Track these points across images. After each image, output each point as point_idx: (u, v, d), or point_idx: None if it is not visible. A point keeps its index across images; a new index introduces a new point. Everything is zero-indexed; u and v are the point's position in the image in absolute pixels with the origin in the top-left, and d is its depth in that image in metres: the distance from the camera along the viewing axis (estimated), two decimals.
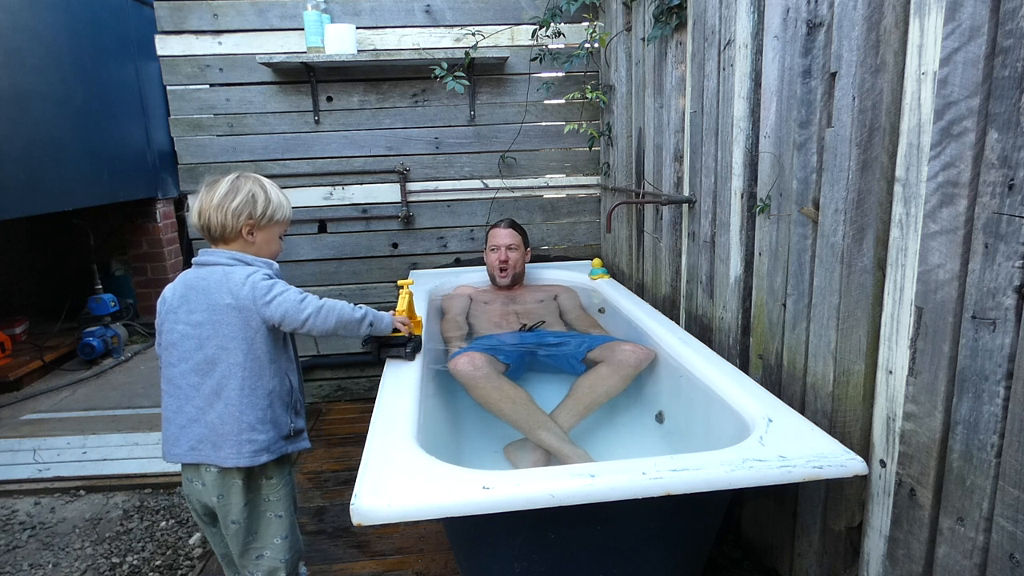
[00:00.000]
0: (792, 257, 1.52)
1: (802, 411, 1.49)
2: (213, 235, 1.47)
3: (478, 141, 3.13)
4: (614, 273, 3.01)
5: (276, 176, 2.95)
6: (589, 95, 2.96)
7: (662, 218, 2.36)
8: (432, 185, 3.15)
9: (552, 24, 2.80)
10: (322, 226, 3.14)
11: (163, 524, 2.27)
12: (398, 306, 1.85)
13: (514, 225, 2.76)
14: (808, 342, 1.48)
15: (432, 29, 3.00)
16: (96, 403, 3.12)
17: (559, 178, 3.23)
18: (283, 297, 1.41)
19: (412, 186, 3.14)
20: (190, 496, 1.48)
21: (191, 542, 2.15)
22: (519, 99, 3.11)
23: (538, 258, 3.22)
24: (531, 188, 3.21)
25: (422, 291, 2.68)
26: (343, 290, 3.20)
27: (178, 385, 1.41)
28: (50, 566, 2.05)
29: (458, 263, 3.23)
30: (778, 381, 1.62)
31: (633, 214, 2.74)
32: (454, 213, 3.19)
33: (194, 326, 1.40)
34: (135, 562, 2.06)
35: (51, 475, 2.53)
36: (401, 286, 1.90)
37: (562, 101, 3.10)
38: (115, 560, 2.07)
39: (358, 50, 2.88)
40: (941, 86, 1.05)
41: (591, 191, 3.26)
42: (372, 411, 1.51)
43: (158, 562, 2.05)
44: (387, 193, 3.13)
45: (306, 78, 2.97)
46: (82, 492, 2.47)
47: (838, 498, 1.40)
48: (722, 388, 1.60)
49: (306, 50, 2.86)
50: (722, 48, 1.81)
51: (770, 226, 1.61)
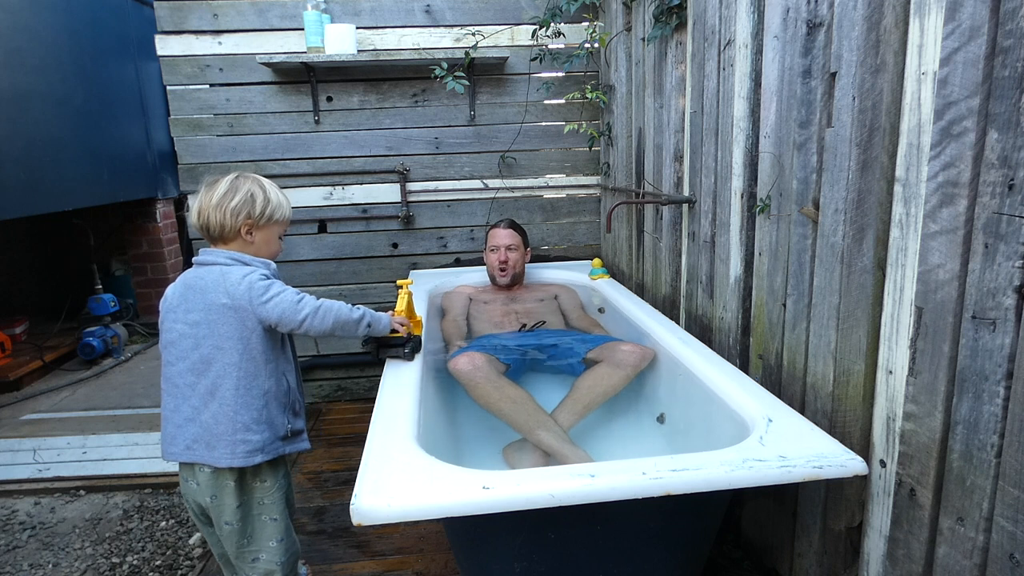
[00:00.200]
0: (792, 257, 1.52)
1: (802, 411, 1.49)
2: (212, 235, 1.47)
3: (478, 141, 3.13)
4: (614, 273, 3.01)
5: (276, 176, 2.95)
6: (589, 95, 2.96)
7: (662, 218, 2.36)
8: (432, 185, 3.15)
9: (552, 24, 2.80)
10: (322, 226, 3.14)
11: (163, 524, 2.27)
12: (397, 306, 1.85)
13: (514, 225, 2.76)
14: (808, 342, 1.48)
15: (432, 29, 3.00)
16: (96, 403, 3.12)
17: (559, 178, 3.23)
18: (280, 298, 1.41)
19: (412, 186, 3.14)
20: (187, 495, 1.48)
21: (191, 542, 2.15)
22: (519, 99, 3.11)
23: (538, 258, 3.22)
24: (531, 188, 3.21)
25: (422, 291, 2.68)
26: (343, 290, 3.20)
27: (176, 384, 1.42)
28: (50, 566, 2.05)
29: (458, 263, 3.23)
30: (778, 381, 1.62)
31: (633, 214, 2.74)
32: (454, 213, 3.19)
33: (191, 325, 1.41)
34: (135, 562, 2.06)
35: (51, 475, 2.53)
36: (400, 286, 1.90)
37: (562, 101, 3.10)
38: (115, 560, 2.07)
39: (358, 50, 2.88)
40: (941, 86, 1.05)
41: (591, 191, 3.26)
42: (372, 411, 1.51)
43: (158, 562, 2.05)
44: (387, 193, 3.13)
45: (306, 78, 2.97)
46: (82, 492, 2.47)
47: (838, 498, 1.40)
48: (722, 388, 1.60)
49: (306, 50, 2.86)
50: (722, 48, 1.81)
51: (770, 226, 1.61)
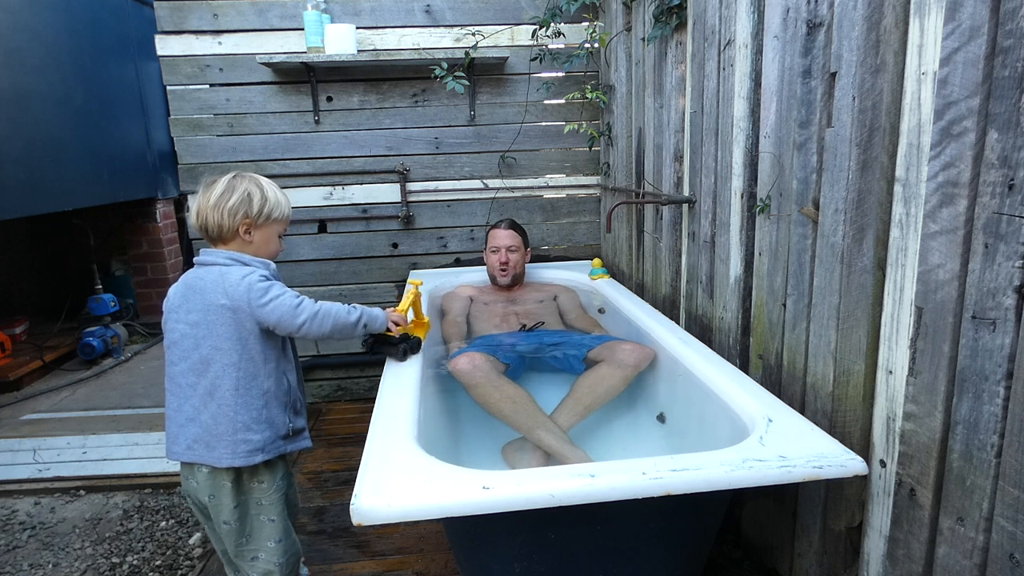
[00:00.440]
0: (792, 257, 1.52)
1: (802, 411, 1.49)
2: (211, 235, 1.48)
3: (478, 141, 3.13)
4: (614, 273, 3.01)
5: (276, 176, 2.95)
6: (589, 95, 2.96)
7: (662, 218, 2.36)
8: (432, 185, 3.15)
9: (552, 24, 2.80)
10: (322, 226, 3.14)
11: (163, 524, 2.27)
12: (400, 304, 1.85)
13: (514, 226, 2.76)
14: (808, 342, 1.48)
15: (432, 29, 3.00)
16: (96, 403, 3.12)
17: (559, 178, 3.23)
18: (278, 302, 1.41)
19: (412, 186, 3.14)
20: (188, 493, 1.49)
21: (191, 542, 2.15)
22: (519, 99, 3.11)
23: (538, 258, 3.22)
24: (531, 188, 3.21)
25: (423, 291, 2.67)
26: (343, 290, 3.20)
27: (179, 384, 1.43)
28: (50, 566, 2.05)
29: (458, 263, 3.23)
30: (778, 381, 1.62)
31: (633, 214, 2.74)
32: (454, 213, 3.19)
33: (191, 326, 1.42)
34: (135, 562, 2.06)
35: (51, 475, 2.53)
36: (412, 285, 1.90)
37: (562, 101, 3.10)
38: (115, 560, 2.07)
39: (358, 50, 2.88)
40: (941, 86, 1.05)
41: (591, 191, 3.26)
42: (372, 411, 1.51)
43: (158, 562, 2.05)
44: (387, 193, 3.13)
45: (306, 78, 2.97)
46: (82, 492, 2.47)
47: (838, 498, 1.40)
48: (722, 388, 1.60)
49: (306, 50, 2.86)
50: (722, 48, 1.81)
51: (770, 226, 1.61)
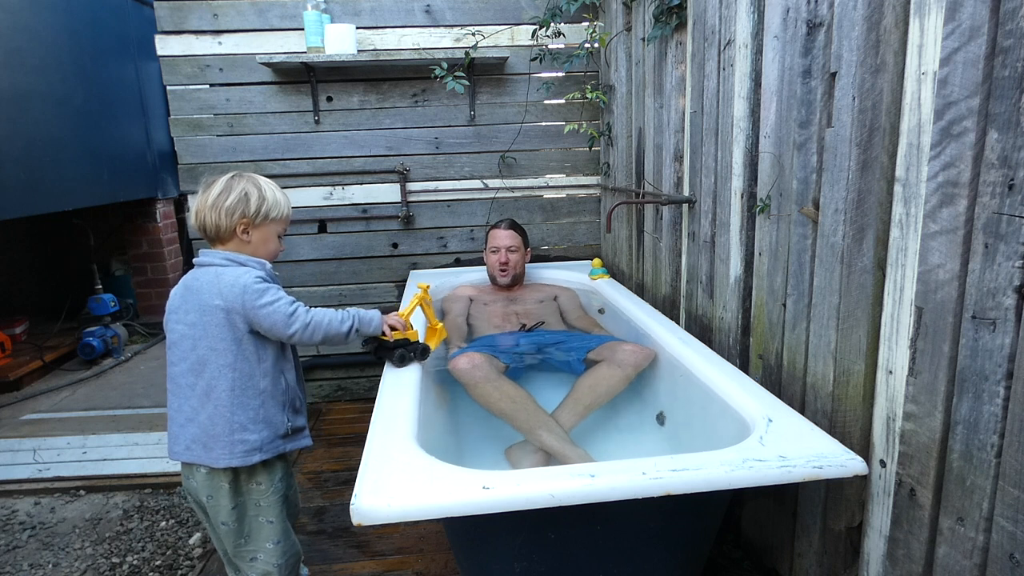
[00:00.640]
0: (792, 257, 1.52)
1: (802, 411, 1.49)
2: (210, 235, 1.48)
3: (478, 141, 3.13)
4: (614, 273, 3.01)
5: (276, 176, 2.94)
6: (589, 95, 2.96)
7: (662, 218, 2.36)
8: (432, 185, 3.15)
9: (552, 24, 2.80)
10: (322, 226, 3.14)
11: (163, 524, 2.27)
12: (402, 308, 1.85)
13: (514, 226, 2.76)
14: (808, 342, 1.48)
15: (432, 29, 3.00)
16: (96, 403, 3.12)
17: (559, 178, 3.23)
18: (272, 308, 1.41)
19: (412, 186, 3.14)
20: (188, 492, 1.50)
21: (191, 542, 2.15)
22: (519, 99, 3.11)
23: (538, 258, 3.22)
24: (531, 188, 3.21)
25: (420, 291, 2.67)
26: (343, 290, 3.20)
27: (179, 384, 1.44)
28: (50, 566, 2.05)
29: (458, 263, 3.23)
30: (778, 381, 1.62)
31: (633, 214, 2.73)
32: (454, 213, 3.19)
33: (189, 326, 1.42)
34: (135, 562, 2.06)
35: (51, 475, 2.53)
36: (418, 289, 1.90)
37: (562, 101, 3.10)
38: (115, 560, 2.07)
39: (358, 50, 2.88)
40: (941, 86, 1.05)
41: (591, 191, 3.26)
42: (372, 411, 1.51)
43: (158, 562, 2.05)
44: (387, 193, 3.13)
45: (306, 78, 2.97)
46: (82, 492, 2.47)
47: (838, 498, 1.40)
48: (722, 388, 1.60)
49: (306, 50, 2.86)
50: (722, 48, 1.81)
51: (770, 226, 1.61)
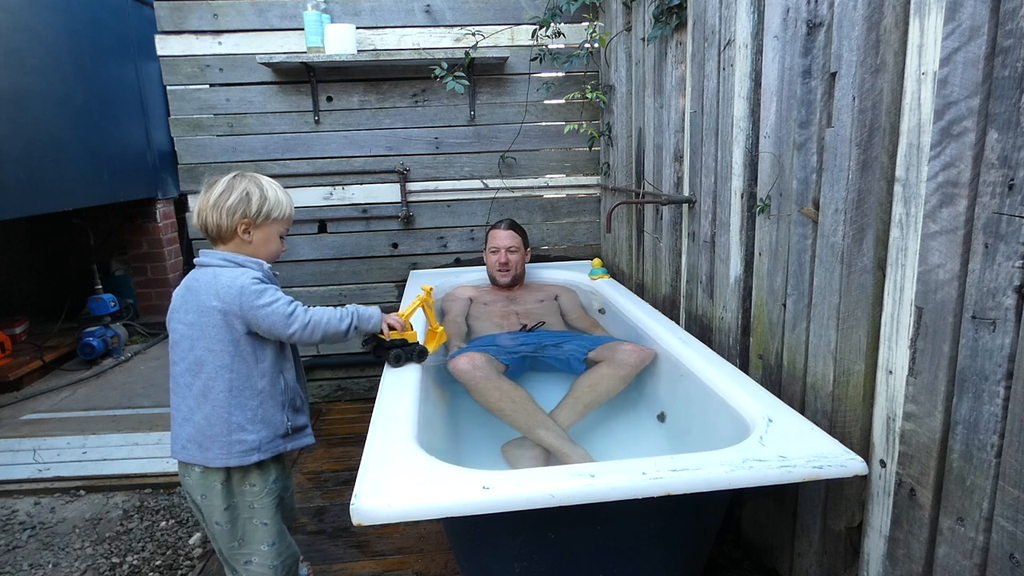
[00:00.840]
0: (792, 257, 1.52)
1: (802, 411, 1.49)
2: (211, 235, 1.48)
3: (478, 141, 3.13)
4: (614, 273, 3.01)
5: (276, 176, 2.90)
6: (589, 95, 2.96)
7: (662, 218, 2.36)
8: (432, 185, 3.15)
9: (552, 24, 2.80)
10: (322, 226, 3.14)
11: (163, 524, 2.27)
12: (403, 308, 1.85)
13: (514, 226, 2.76)
14: (808, 342, 1.48)
15: (432, 29, 3.00)
16: (96, 403, 3.12)
17: (559, 178, 3.23)
18: (271, 309, 1.40)
19: (412, 186, 3.14)
20: (186, 490, 1.51)
21: (191, 542, 2.15)
22: (519, 99, 3.11)
23: (538, 258, 3.22)
24: (531, 188, 3.21)
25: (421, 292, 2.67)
26: (343, 290, 3.20)
27: (179, 383, 1.45)
28: (50, 566, 2.05)
29: (458, 263, 3.23)
30: (778, 381, 1.62)
31: (633, 214, 2.73)
32: (454, 213, 3.19)
33: (188, 327, 1.43)
34: (135, 562, 2.06)
35: (51, 475, 2.53)
36: (421, 290, 1.90)
37: (562, 101, 3.10)
38: (115, 560, 2.07)
39: (358, 50, 2.88)
40: (941, 86, 1.05)
41: (591, 191, 3.26)
42: (372, 411, 1.51)
43: (158, 562, 2.05)
44: (387, 193, 3.13)
45: (306, 78, 2.97)
46: (82, 492, 2.47)
47: (838, 498, 1.40)
48: (722, 388, 1.60)
49: (306, 50, 2.86)
50: (722, 48, 1.81)
51: (770, 226, 1.61)
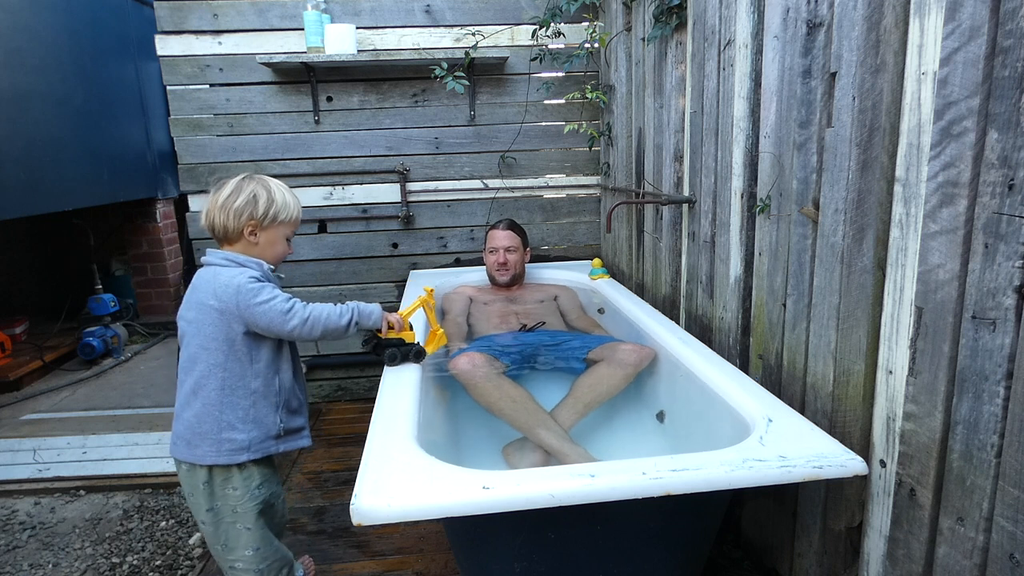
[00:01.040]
0: (792, 257, 1.52)
1: (802, 411, 1.49)
2: (218, 235, 1.49)
3: (478, 141, 3.13)
4: (614, 273, 3.01)
5: (276, 176, 2.93)
6: (589, 95, 2.96)
7: (662, 218, 2.36)
8: (432, 185, 3.15)
9: (552, 24, 2.80)
10: (322, 226, 3.14)
11: (163, 524, 2.27)
12: (403, 308, 1.85)
13: (513, 226, 2.76)
14: (808, 342, 1.48)
15: (432, 29, 3.00)
16: (96, 403, 3.12)
17: (559, 178, 3.23)
18: (268, 306, 1.40)
19: (412, 186, 3.14)
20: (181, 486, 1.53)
21: (191, 542, 2.15)
22: (519, 99, 3.11)
23: (538, 258, 3.22)
24: (531, 188, 3.21)
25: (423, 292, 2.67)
26: (343, 290, 3.20)
27: (178, 378, 1.48)
28: (50, 566, 2.05)
29: (458, 263, 3.23)
30: (778, 381, 1.62)
31: (633, 214, 2.73)
32: (454, 213, 3.19)
33: (188, 323, 1.45)
34: (135, 562, 2.06)
35: (51, 475, 2.53)
36: (424, 291, 1.91)
37: (562, 101, 3.10)
38: (115, 560, 2.07)
39: (358, 50, 2.88)
40: (941, 86, 1.05)
41: (591, 191, 3.26)
42: (372, 411, 1.51)
43: (158, 562, 2.05)
44: (387, 193, 3.13)
45: (306, 78, 2.97)
46: (82, 492, 2.47)
47: (838, 498, 1.40)
48: (722, 388, 1.60)
49: (306, 50, 2.86)
50: (722, 48, 1.81)
51: (770, 226, 1.61)
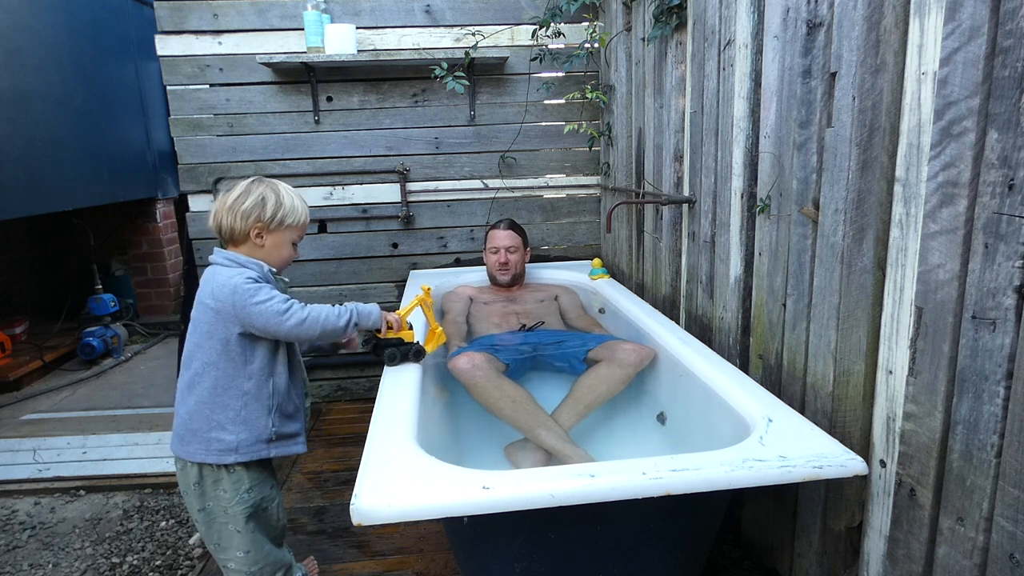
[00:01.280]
0: (792, 257, 1.52)
1: (802, 411, 1.49)
2: (224, 236, 1.49)
3: (478, 141, 3.13)
4: (614, 273, 3.01)
5: (276, 176, 2.95)
6: (589, 95, 2.96)
7: (662, 218, 2.36)
8: (432, 185, 3.15)
9: (552, 24, 2.80)
10: (322, 226, 3.14)
11: (163, 524, 2.27)
12: (402, 308, 1.85)
13: (514, 226, 2.76)
14: (808, 342, 1.48)
15: (432, 29, 3.00)
16: (96, 403, 3.12)
17: (559, 178, 3.23)
18: (265, 307, 1.39)
19: (412, 186, 3.14)
20: None
21: (191, 542, 2.15)
22: (519, 99, 3.10)
23: (538, 258, 3.22)
24: (531, 188, 3.21)
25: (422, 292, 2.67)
26: (343, 290, 3.20)
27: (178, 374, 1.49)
28: (50, 566, 2.05)
29: (458, 263, 3.23)
30: (778, 381, 1.62)
31: (633, 214, 2.73)
32: (454, 213, 3.19)
33: (191, 320, 1.47)
34: (135, 562, 2.06)
35: (51, 475, 2.53)
36: (421, 290, 1.91)
37: (562, 101, 3.10)
38: (115, 560, 2.07)
39: (358, 50, 2.88)
40: (941, 86, 1.05)
41: (591, 191, 3.26)
42: (372, 411, 1.51)
43: (158, 562, 2.06)
44: (387, 193, 3.13)
45: (306, 78, 2.97)
46: (82, 492, 2.47)
47: (838, 498, 1.40)
48: (722, 388, 1.60)
49: (306, 50, 2.86)
50: (722, 48, 1.81)
51: (770, 226, 1.61)
